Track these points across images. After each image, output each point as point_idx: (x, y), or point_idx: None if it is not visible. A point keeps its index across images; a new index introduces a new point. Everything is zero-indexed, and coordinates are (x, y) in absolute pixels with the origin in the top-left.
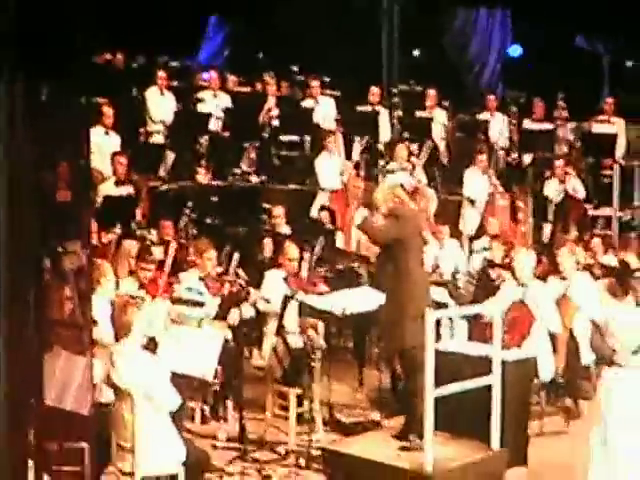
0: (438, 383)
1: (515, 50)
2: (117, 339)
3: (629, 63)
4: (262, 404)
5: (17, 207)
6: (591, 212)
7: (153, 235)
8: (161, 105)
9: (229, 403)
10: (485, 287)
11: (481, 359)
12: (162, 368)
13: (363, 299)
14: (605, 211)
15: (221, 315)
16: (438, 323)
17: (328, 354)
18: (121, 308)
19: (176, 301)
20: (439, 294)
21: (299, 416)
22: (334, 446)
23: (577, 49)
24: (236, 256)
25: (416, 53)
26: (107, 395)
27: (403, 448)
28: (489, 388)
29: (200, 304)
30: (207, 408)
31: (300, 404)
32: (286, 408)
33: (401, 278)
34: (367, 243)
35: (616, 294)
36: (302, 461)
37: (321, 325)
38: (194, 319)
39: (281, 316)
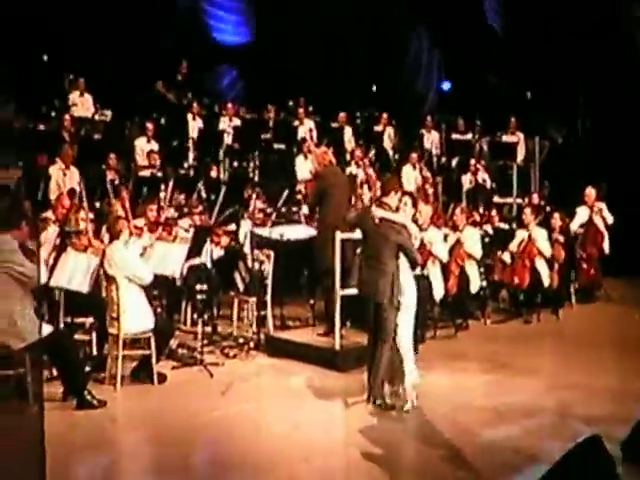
0: None
1: (446, 85)
2: (111, 241)
3: (528, 94)
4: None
5: None
6: (498, 199)
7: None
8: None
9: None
10: None
11: None
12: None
13: (298, 231)
14: (508, 199)
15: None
16: None
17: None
18: (115, 220)
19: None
20: None
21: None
22: (275, 334)
23: (490, 84)
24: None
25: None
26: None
27: (323, 334)
28: None
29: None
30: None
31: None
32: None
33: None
34: None
35: None
36: (252, 344)
37: (272, 254)
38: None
39: (243, 246)
